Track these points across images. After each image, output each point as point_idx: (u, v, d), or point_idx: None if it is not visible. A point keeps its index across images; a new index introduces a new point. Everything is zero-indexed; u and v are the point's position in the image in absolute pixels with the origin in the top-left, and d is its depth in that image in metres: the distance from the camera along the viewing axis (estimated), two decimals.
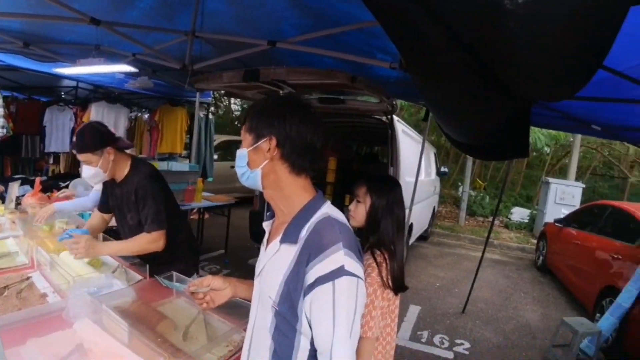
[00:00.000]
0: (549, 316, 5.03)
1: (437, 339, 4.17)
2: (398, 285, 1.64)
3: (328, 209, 1.10)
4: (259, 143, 1.07)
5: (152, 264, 2.09)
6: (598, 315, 4.31)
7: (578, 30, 0.76)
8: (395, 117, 4.71)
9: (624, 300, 3.70)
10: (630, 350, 3.65)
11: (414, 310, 4.74)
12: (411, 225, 5.62)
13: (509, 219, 10.87)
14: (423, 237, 7.86)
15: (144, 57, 3.99)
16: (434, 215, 8.69)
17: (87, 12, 2.86)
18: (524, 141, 2.13)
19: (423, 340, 4.12)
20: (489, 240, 5.24)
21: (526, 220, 10.60)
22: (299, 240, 1.05)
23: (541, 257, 7.18)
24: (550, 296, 5.95)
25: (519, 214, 11.06)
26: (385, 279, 1.58)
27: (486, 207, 11.26)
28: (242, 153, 1.11)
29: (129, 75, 5.02)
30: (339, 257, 0.98)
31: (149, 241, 2.06)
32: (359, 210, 1.70)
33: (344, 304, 0.98)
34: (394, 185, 1.74)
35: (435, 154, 8.27)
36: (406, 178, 4.69)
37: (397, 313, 1.80)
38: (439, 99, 1.97)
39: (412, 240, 6.19)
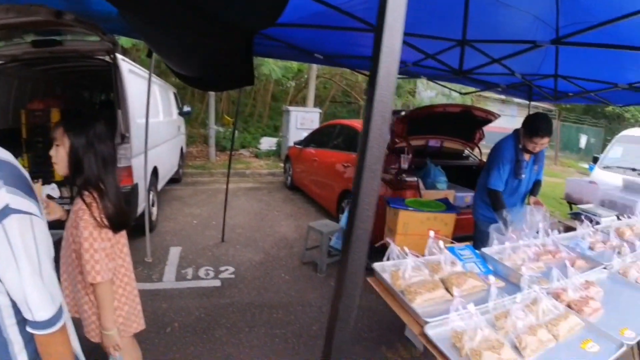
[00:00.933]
0: (302, 226, 5.48)
1: (202, 272, 4.02)
2: (116, 223, 1.63)
3: None
4: None
5: None
6: (341, 215, 5.04)
7: None
8: (120, 57, 4.03)
9: None
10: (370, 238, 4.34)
11: (175, 252, 4.43)
12: (155, 169, 5.15)
13: (259, 149, 11.49)
14: (175, 180, 7.43)
15: None
16: (183, 156, 8.25)
17: None
18: (248, 70, 2.24)
19: (189, 277, 3.91)
20: (243, 171, 5.22)
21: (274, 148, 11.42)
22: None
23: (289, 178, 7.84)
24: (302, 209, 6.56)
25: (268, 143, 11.81)
26: (99, 219, 1.56)
27: (236, 141, 11.50)
28: None
29: None
30: (0, 196, 0.92)
31: None
32: (60, 155, 1.59)
33: (21, 245, 0.94)
34: (92, 120, 1.64)
35: (175, 94, 7.66)
36: (137, 120, 4.15)
37: (128, 252, 1.81)
38: (157, 35, 2.08)
39: (161, 184, 5.69)
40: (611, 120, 20.95)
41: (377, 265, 1.97)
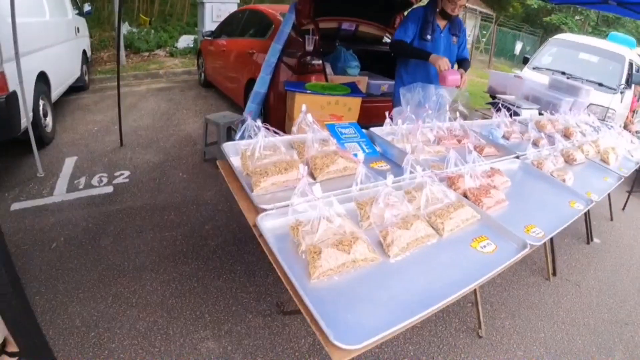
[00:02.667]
0: None
1: (95, 180, 3.62)
2: None
3: None
4: None
5: None
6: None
7: None
8: None
9: (259, 86, 3.89)
10: (274, 126, 4.05)
11: (69, 163, 3.93)
12: (44, 75, 4.29)
13: (176, 47, 10.34)
14: (81, 88, 6.43)
15: None
16: (88, 61, 7.12)
17: None
18: None
19: (81, 187, 3.50)
20: (156, 72, 4.50)
21: (192, 45, 10.35)
22: None
23: (202, 74, 7.14)
24: (213, 106, 6.08)
25: (186, 41, 10.67)
26: None
27: (151, 41, 10.26)
28: None
29: None
30: None
31: None
32: None
33: None
34: None
35: None
36: (8, 19, 3.26)
37: None
38: None
39: (55, 92, 4.82)
40: (548, 31, 20.91)
41: (226, 146, 1.66)
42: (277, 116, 3.88)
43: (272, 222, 1.28)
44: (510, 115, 3.06)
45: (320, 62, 3.71)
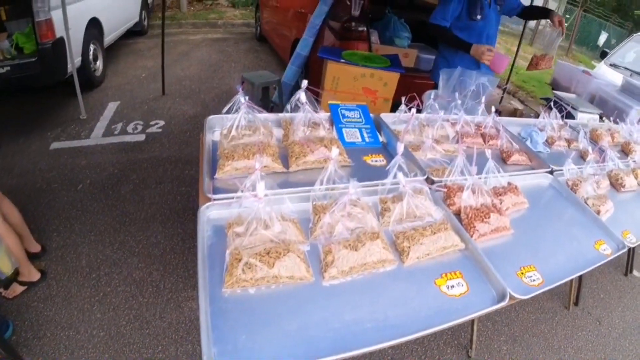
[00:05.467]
0: None
1: (130, 127, 3.73)
2: None
3: None
4: None
5: None
6: None
7: None
8: None
9: (302, 48, 3.76)
10: (314, 94, 3.92)
11: (112, 107, 4.07)
12: (96, 21, 4.38)
13: None
14: (139, 33, 6.54)
15: None
16: (149, 6, 7.19)
17: None
18: None
19: (116, 132, 3.63)
20: (215, 22, 4.43)
21: None
22: None
23: (258, 28, 7.03)
24: (263, 61, 6.01)
25: None
26: None
27: None
28: None
29: None
30: None
31: None
32: None
33: None
34: None
35: None
36: None
37: None
38: None
39: (109, 37, 4.93)
40: (639, 25, 18.14)
41: (210, 120, 1.58)
42: (317, 83, 3.73)
43: (219, 213, 1.18)
44: (563, 117, 2.61)
45: (365, 28, 3.45)
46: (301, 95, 1.54)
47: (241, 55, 6.26)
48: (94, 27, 4.37)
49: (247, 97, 1.45)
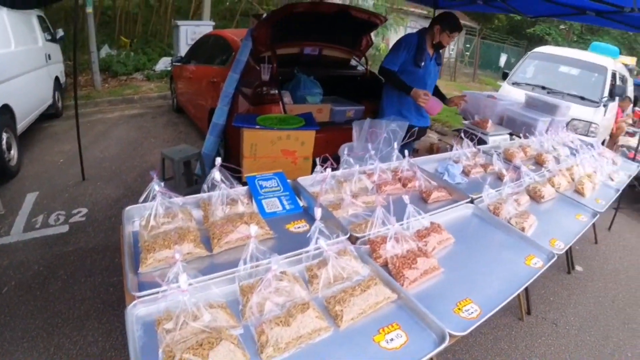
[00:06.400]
0: None
1: (52, 219, 3.55)
2: None
3: None
4: None
5: None
6: None
7: None
8: None
9: (218, 118, 3.83)
10: (234, 162, 3.94)
11: (30, 198, 3.86)
12: (7, 107, 4.26)
13: (153, 70, 10.25)
14: (54, 115, 6.36)
15: None
16: (61, 87, 7.05)
17: None
18: None
19: (37, 226, 3.43)
20: (131, 97, 4.37)
21: (169, 68, 10.24)
22: None
23: (174, 100, 7.11)
24: (182, 133, 6.03)
25: (164, 63, 10.53)
26: None
27: (129, 65, 10.17)
28: None
29: None
30: None
31: None
32: None
33: None
34: None
35: (42, 17, 6.35)
36: None
37: None
38: None
39: (22, 124, 4.74)
40: (533, 42, 21.10)
41: (128, 210, 1.54)
42: (237, 150, 3.81)
43: (147, 309, 1.14)
44: (475, 145, 2.77)
45: (276, 91, 3.64)
46: (215, 174, 1.59)
47: (160, 129, 6.26)
48: (5, 114, 4.23)
49: (162, 184, 1.48)
